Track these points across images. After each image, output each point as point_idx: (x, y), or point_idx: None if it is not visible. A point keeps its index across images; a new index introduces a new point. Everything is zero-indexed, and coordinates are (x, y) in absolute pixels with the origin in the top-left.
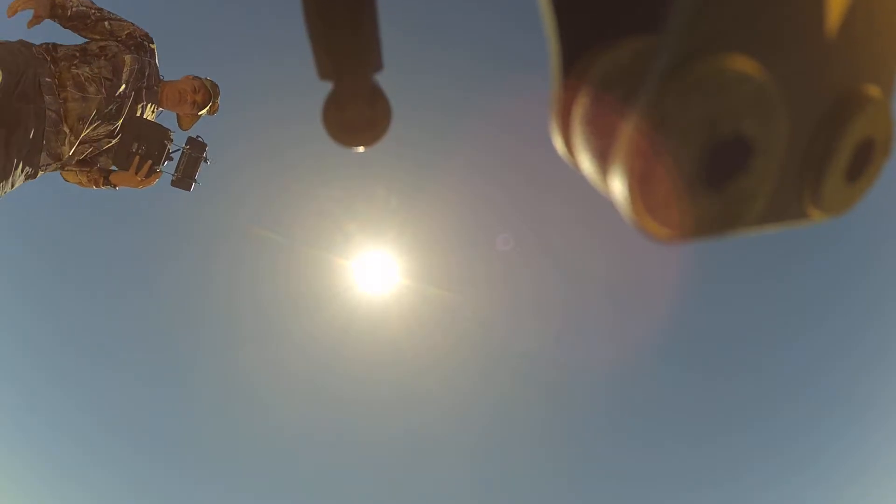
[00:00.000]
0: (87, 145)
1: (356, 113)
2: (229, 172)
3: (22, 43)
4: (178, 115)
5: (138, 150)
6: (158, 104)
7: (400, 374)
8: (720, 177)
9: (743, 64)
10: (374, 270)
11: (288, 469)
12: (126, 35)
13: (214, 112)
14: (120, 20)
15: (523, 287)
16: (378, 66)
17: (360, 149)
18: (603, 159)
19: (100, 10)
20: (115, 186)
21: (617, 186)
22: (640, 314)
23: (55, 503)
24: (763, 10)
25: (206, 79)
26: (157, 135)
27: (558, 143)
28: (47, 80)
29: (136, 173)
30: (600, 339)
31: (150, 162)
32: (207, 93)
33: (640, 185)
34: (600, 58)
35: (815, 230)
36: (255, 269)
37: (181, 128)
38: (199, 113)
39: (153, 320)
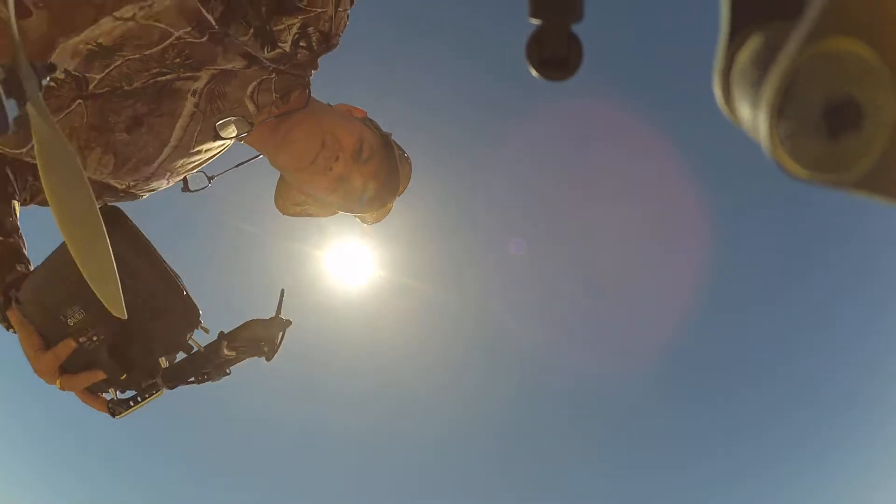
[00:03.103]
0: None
1: (556, 52)
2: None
3: None
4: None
5: (81, 334)
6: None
7: (376, 366)
8: (836, 130)
9: (858, 45)
10: (348, 261)
11: (258, 467)
12: None
13: (377, 221)
14: None
15: (509, 282)
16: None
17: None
18: (753, 109)
19: None
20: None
21: (761, 123)
22: (648, 316)
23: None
24: (875, 7)
25: (387, 136)
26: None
27: (718, 95)
28: None
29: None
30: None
31: (99, 375)
32: (382, 170)
33: (777, 119)
34: (756, 31)
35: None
36: (225, 260)
37: (281, 210)
38: (336, 208)
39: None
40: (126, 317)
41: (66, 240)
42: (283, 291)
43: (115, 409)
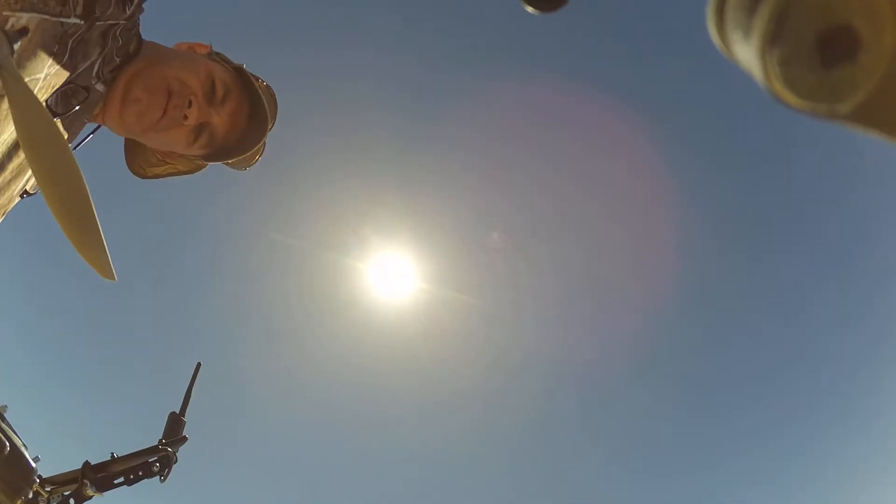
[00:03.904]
0: None
1: None
2: (242, 175)
3: None
4: (141, 149)
5: None
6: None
7: (417, 379)
8: (832, 59)
9: None
10: (390, 274)
11: (299, 478)
12: None
13: (250, 164)
14: None
15: (543, 290)
16: None
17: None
18: (746, 38)
19: None
20: None
21: (753, 51)
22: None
23: None
24: None
25: (239, 68)
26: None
27: (712, 28)
28: None
29: None
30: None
31: None
32: (243, 106)
33: (770, 47)
34: None
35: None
36: (268, 273)
37: (140, 175)
38: (202, 160)
39: (163, 324)
40: (116, 279)
41: (49, 203)
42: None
43: None
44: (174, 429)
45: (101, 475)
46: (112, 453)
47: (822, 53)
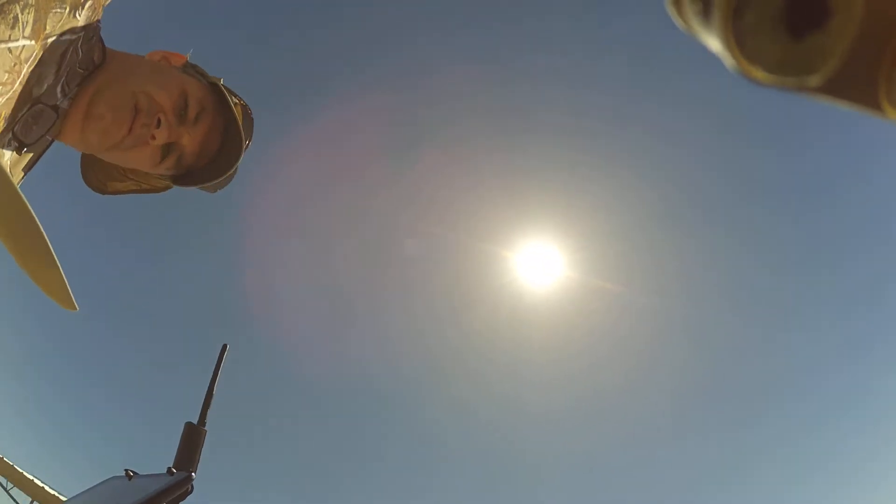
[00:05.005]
0: None
1: None
2: (395, 168)
3: None
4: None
5: None
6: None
7: (564, 369)
8: (800, 28)
9: None
10: (537, 263)
11: (450, 463)
12: None
13: (221, 187)
14: None
15: (692, 281)
16: None
17: None
18: (707, 10)
19: None
20: None
21: (715, 22)
22: None
23: None
24: None
25: (215, 84)
26: None
27: (670, 5)
28: None
29: None
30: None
31: None
32: (217, 127)
33: (732, 22)
34: None
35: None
36: (419, 263)
37: (98, 190)
38: (168, 182)
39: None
40: (77, 308)
41: (3, 240)
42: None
43: None
44: (191, 446)
45: None
46: (126, 470)
47: (789, 23)
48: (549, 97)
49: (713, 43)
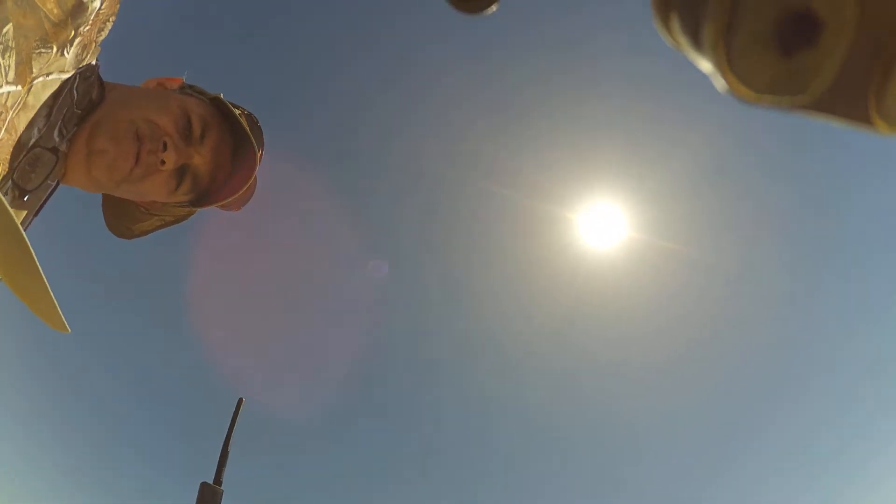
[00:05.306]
0: None
1: None
2: (457, 127)
3: None
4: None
5: None
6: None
7: (626, 330)
8: (791, 46)
9: None
10: (599, 224)
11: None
12: None
13: (245, 202)
14: None
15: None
16: None
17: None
18: (697, 30)
19: None
20: None
21: (706, 42)
22: None
23: None
24: None
25: (216, 98)
26: None
27: (659, 25)
28: None
29: None
30: None
31: None
32: (225, 140)
33: (724, 40)
34: None
35: None
36: (478, 223)
37: (126, 236)
38: (190, 206)
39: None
40: (69, 330)
41: None
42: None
43: None
44: None
45: None
46: None
47: (781, 42)
48: (613, 47)
49: (703, 63)
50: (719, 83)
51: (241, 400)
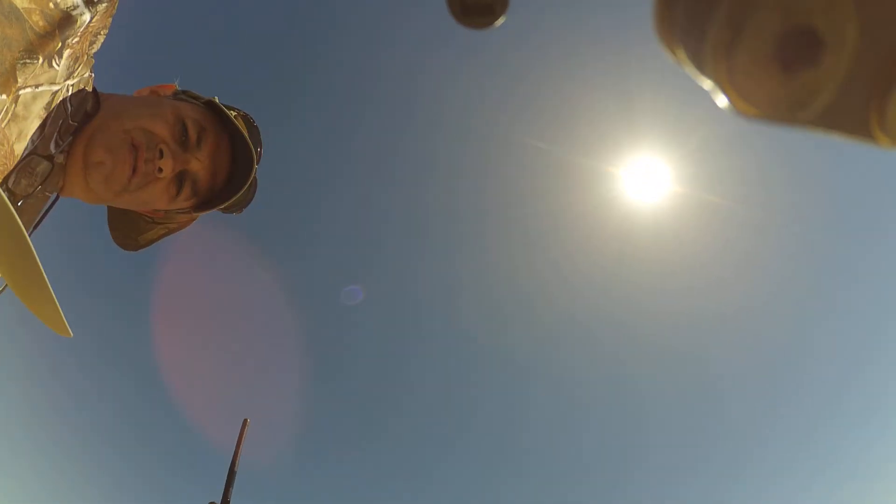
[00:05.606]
0: None
1: None
2: (502, 83)
3: None
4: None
5: None
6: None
7: (673, 287)
8: (792, 64)
9: None
10: (643, 178)
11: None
12: None
13: (245, 205)
14: None
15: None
16: None
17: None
18: (698, 46)
19: None
20: None
21: (708, 59)
22: None
23: None
24: None
25: (210, 102)
26: None
27: (661, 39)
28: None
29: None
30: None
31: None
32: (223, 143)
33: (726, 56)
34: None
35: None
36: (521, 179)
37: (132, 248)
38: (192, 212)
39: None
40: (71, 335)
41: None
42: None
43: None
44: None
45: None
46: None
47: (782, 59)
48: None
49: (704, 81)
50: (720, 99)
51: (245, 421)
